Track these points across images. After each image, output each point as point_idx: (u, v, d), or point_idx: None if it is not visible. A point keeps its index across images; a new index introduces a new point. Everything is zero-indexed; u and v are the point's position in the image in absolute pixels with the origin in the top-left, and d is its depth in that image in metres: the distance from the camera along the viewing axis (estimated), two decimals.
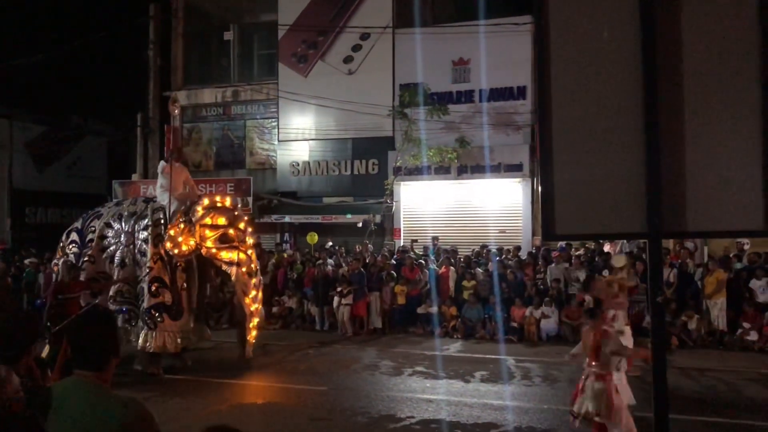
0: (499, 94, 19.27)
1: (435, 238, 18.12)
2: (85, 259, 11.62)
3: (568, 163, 2.92)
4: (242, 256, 11.29)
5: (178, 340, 11.09)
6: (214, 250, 11.16)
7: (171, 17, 23.65)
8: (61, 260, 11.67)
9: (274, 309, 16.21)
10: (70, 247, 11.97)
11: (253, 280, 11.51)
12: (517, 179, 19.04)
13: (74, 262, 11.53)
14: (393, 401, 9.43)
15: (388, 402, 9.39)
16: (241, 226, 11.43)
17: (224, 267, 11.48)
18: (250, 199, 20.98)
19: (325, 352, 13.35)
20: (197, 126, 23.96)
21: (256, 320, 11.70)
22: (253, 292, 11.55)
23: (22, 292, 15.89)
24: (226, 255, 11.20)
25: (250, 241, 11.65)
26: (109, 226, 11.78)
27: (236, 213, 11.67)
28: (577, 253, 15.28)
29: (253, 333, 11.68)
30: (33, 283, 16.19)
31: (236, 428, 2.65)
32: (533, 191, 18.83)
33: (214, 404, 9.36)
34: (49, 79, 27.26)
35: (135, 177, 23.14)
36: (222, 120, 23.64)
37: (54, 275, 11.98)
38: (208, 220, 11.09)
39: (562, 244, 15.95)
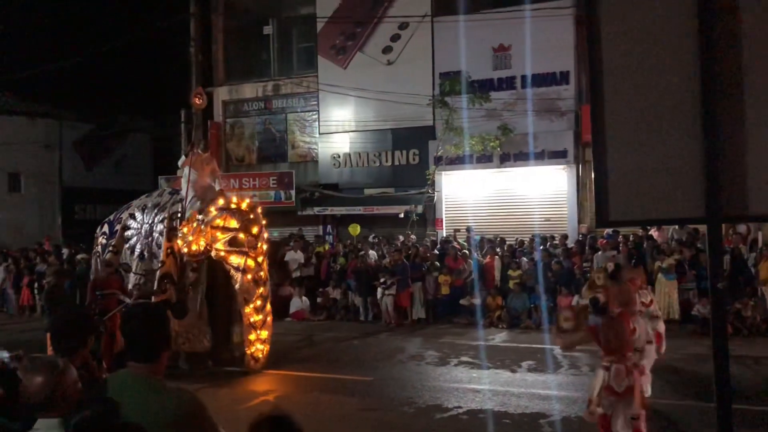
0: (541, 79, 18.94)
1: (469, 229, 18.02)
2: (109, 249, 11.46)
3: (622, 148, 2.83)
4: (250, 262, 10.51)
5: (179, 340, 10.49)
6: (223, 254, 10.53)
7: (211, 14, 23.89)
8: (94, 253, 11.76)
9: (319, 300, 16.32)
10: (101, 238, 11.89)
11: (260, 290, 10.63)
12: (562, 166, 18.72)
13: (101, 252, 11.52)
14: (439, 391, 9.40)
15: (434, 392, 9.37)
16: (254, 230, 10.63)
17: (231, 272, 10.65)
18: (292, 192, 21.13)
19: (369, 342, 13.38)
20: (239, 121, 24.20)
21: (264, 333, 10.78)
22: (259, 302, 10.61)
23: (74, 287, 16.29)
24: (234, 259, 10.50)
25: (264, 247, 10.86)
26: (133, 217, 11.59)
27: (251, 216, 10.77)
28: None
29: (259, 346, 10.73)
30: (85, 277, 16.57)
31: (288, 414, 2.66)
32: (578, 178, 18.51)
33: (263, 395, 9.47)
34: (95, 78, 27.84)
35: (180, 172, 23.47)
36: (263, 114, 23.82)
37: (80, 268, 12.04)
38: (219, 222, 10.47)
39: (609, 231, 15.69)
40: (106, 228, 11.98)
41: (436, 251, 16.33)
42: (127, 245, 11.42)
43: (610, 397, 6.18)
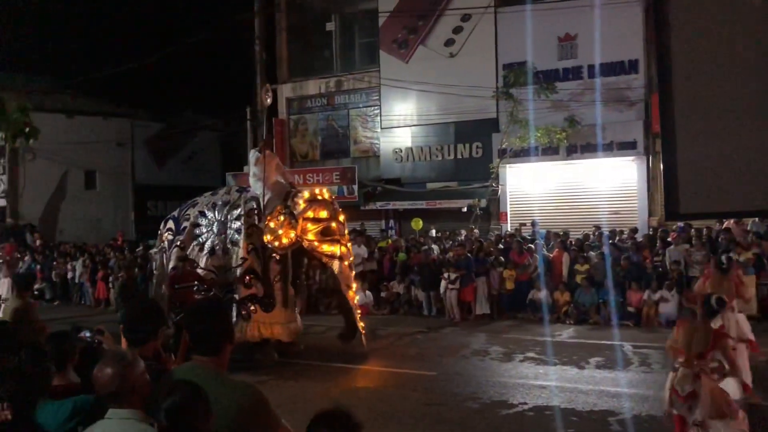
0: (609, 69, 18.44)
1: (534, 223, 17.70)
2: (176, 245, 11.67)
3: (693, 137, 2.70)
4: (344, 249, 11.32)
5: (273, 331, 10.99)
6: (315, 243, 11.13)
7: (275, 12, 24.24)
8: (159, 248, 12.09)
9: (382, 294, 16.36)
10: (167, 234, 12.10)
11: (353, 273, 11.68)
12: (631, 158, 18.19)
13: (167, 248, 11.79)
14: (504, 387, 9.28)
15: (499, 388, 9.25)
16: (341, 219, 11.45)
17: (325, 260, 11.39)
18: (355, 187, 21.26)
19: (433, 337, 13.33)
20: (303, 117, 24.51)
21: (358, 311, 11.79)
22: (354, 285, 11.70)
23: (147, 281, 16.85)
24: (327, 248, 11.19)
25: (348, 234, 11.81)
26: (203, 214, 11.81)
27: (335, 206, 11.64)
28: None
29: (361, 323, 11.68)
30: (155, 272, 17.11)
31: (347, 410, 2.66)
32: (649, 170, 17.92)
33: (327, 388, 9.55)
34: (164, 78, 28.72)
35: (246, 168, 23.93)
36: (326, 110, 24.05)
37: (152, 263, 12.32)
38: (310, 213, 11.08)
39: (680, 224, 15.16)
40: (171, 224, 12.21)
41: (500, 245, 16.12)
42: (195, 242, 11.66)
43: (677, 399, 5.99)
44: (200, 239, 11.63)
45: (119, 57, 25.64)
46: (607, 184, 18.56)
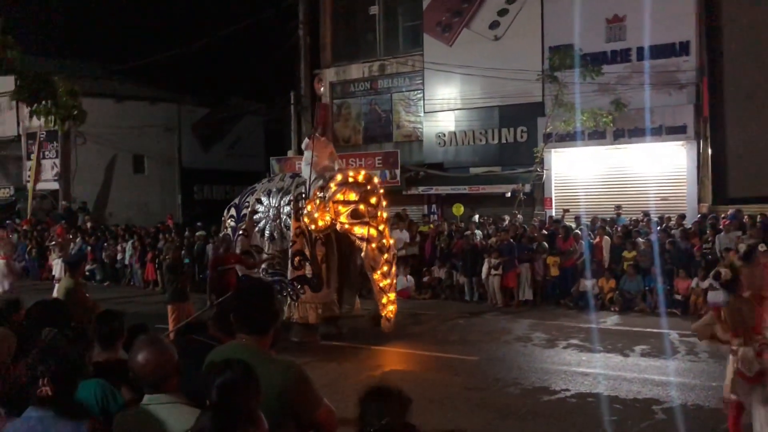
0: (659, 51, 17.92)
1: (566, 210, 17.43)
2: (240, 232, 12.16)
3: (744, 121, 2.59)
4: (373, 231, 11.17)
5: (319, 311, 11.37)
6: (347, 226, 11.24)
7: None
8: (238, 237, 12.42)
9: (425, 279, 16.36)
10: (229, 221, 12.62)
11: (385, 256, 11.33)
12: (681, 142, 17.70)
13: (231, 235, 12.17)
14: (547, 373, 9.20)
15: (541, 374, 9.18)
16: (373, 201, 11.27)
17: (357, 242, 11.42)
18: (397, 172, 21.22)
19: (475, 322, 13.29)
20: (346, 102, 24.54)
21: (392, 295, 11.53)
22: (385, 268, 11.34)
23: (193, 263, 17.18)
24: (357, 230, 11.21)
25: (384, 215, 11.56)
26: (259, 201, 12.26)
27: (368, 188, 11.39)
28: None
29: (390, 308, 11.46)
30: (202, 255, 17.44)
31: (396, 388, 2.67)
32: (699, 155, 17.42)
33: (369, 370, 9.62)
34: (210, 63, 29.08)
35: (290, 153, 24.18)
36: (369, 94, 24.03)
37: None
38: (340, 196, 11.13)
39: (732, 210, 14.73)
40: (233, 211, 12.68)
41: (544, 231, 15.92)
42: (256, 228, 12.16)
43: (743, 382, 5.77)
44: (260, 225, 12.10)
45: (167, 43, 26.04)
46: (655, 170, 18.11)
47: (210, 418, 2.38)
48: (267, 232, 11.99)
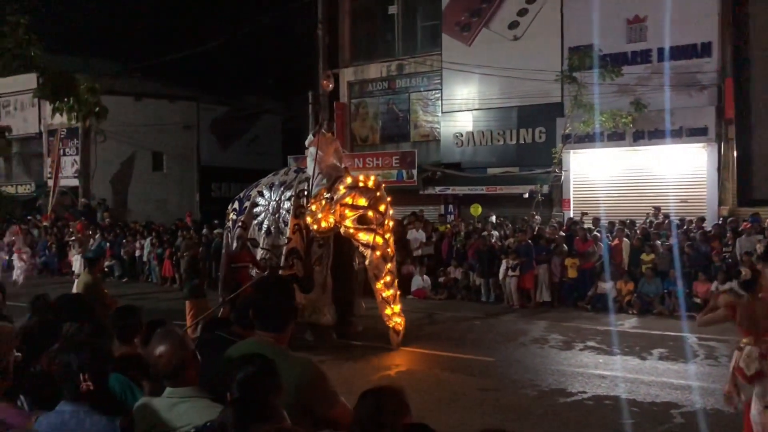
0: (680, 52, 17.74)
1: (584, 214, 17.30)
2: (239, 225, 11.86)
3: None
4: (379, 239, 10.81)
5: (306, 313, 10.74)
6: (351, 231, 10.79)
7: None
8: (225, 229, 12.34)
9: (441, 279, 16.32)
10: (231, 214, 12.35)
11: (388, 266, 10.91)
12: (702, 144, 17.51)
13: (232, 228, 11.99)
14: (563, 375, 9.14)
15: (558, 376, 9.12)
16: (381, 208, 10.94)
17: (361, 248, 11.02)
18: (414, 172, 21.21)
19: (491, 323, 13.24)
20: (363, 101, 24.56)
21: (396, 307, 11.04)
22: (388, 278, 10.92)
23: (211, 260, 17.27)
24: (363, 237, 10.80)
25: (390, 224, 11.23)
26: (261, 194, 11.95)
27: (378, 194, 11.06)
28: None
29: (397, 320, 11.00)
30: (220, 251, 17.48)
31: (396, 388, 2.65)
32: (720, 157, 17.22)
33: (384, 370, 9.62)
34: (229, 62, 29.23)
35: (306, 152, 24.18)
36: (387, 94, 24.04)
37: (222, 243, 12.63)
38: (348, 200, 10.75)
39: (753, 214, 14.57)
40: (236, 204, 12.48)
41: (562, 233, 15.82)
42: (255, 221, 11.83)
43: (741, 379, 5.76)
44: (258, 219, 11.78)
45: (186, 41, 26.21)
46: (676, 172, 17.93)
47: (232, 412, 2.39)
48: (265, 226, 11.60)
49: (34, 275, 19.61)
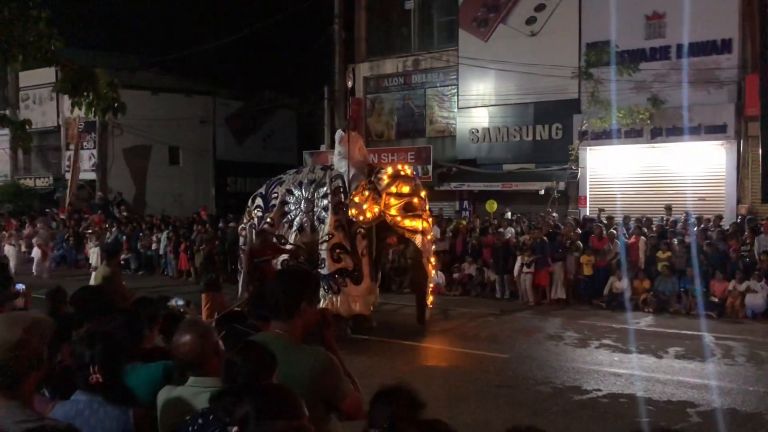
0: (699, 48, 17.54)
1: (601, 210, 17.19)
2: (266, 222, 12.03)
3: None
4: (425, 224, 11.66)
5: (357, 305, 11.37)
6: (398, 218, 11.42)
7: None
8: (248, 225, 12.46)
9: (455, 275, 16.28)
10: (255, 211, 12.47)
11: (433, 248, 12.03)
12: (720, 141, 17.34)
13: (257, 225, 12.13)
14: (578, 373, 9.11)
15: (573, 373, 9.09)
16: (423, 194, 11.73)
17: (407, 235, 11.70)
18: (430, 167, 21.17)
19: (506, 320, 13.21)
20: (379, 96, 24.52)
21: (431, 285, 12.29)
22: (433, 260, 12.15)
23: (226, 254, 17.36)
24: (409, 223, 11.48)
25: (428, 209, 12.22)
26: (290, 192, 12.12)
27: (417, 182, 11.98)
28: None
29: (431, 298, 12.16)
30: (235, 246, 17.58)
31: (410, 388, 2.64)
32: (740, 155, 17.04)
33: (399, 365, 9.62)
34: (245, 57, 29.29)
35: (323, 147, 24.27)
36: (403, 89, 23.98)
37: (242, 239, 12.73)
38: (393, 189, 11.37)
39: None
40: (259, 201, 12.58)
41: (578, 230, 15.73)
42: (284, 219, 12.06)
43: None
44: (289, 216, 12.01)
45: (202, 36, 26.30)
46: (694, 169, 17.76)
47: (251, 402, 2.37)
48: (296, 224, 11.83)
49: (52, 267, 19.87)
